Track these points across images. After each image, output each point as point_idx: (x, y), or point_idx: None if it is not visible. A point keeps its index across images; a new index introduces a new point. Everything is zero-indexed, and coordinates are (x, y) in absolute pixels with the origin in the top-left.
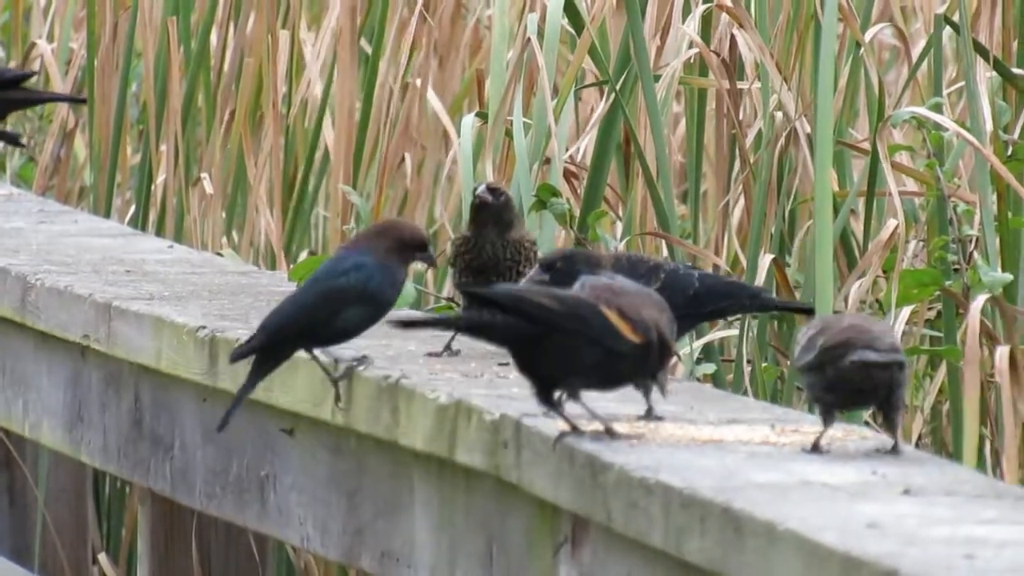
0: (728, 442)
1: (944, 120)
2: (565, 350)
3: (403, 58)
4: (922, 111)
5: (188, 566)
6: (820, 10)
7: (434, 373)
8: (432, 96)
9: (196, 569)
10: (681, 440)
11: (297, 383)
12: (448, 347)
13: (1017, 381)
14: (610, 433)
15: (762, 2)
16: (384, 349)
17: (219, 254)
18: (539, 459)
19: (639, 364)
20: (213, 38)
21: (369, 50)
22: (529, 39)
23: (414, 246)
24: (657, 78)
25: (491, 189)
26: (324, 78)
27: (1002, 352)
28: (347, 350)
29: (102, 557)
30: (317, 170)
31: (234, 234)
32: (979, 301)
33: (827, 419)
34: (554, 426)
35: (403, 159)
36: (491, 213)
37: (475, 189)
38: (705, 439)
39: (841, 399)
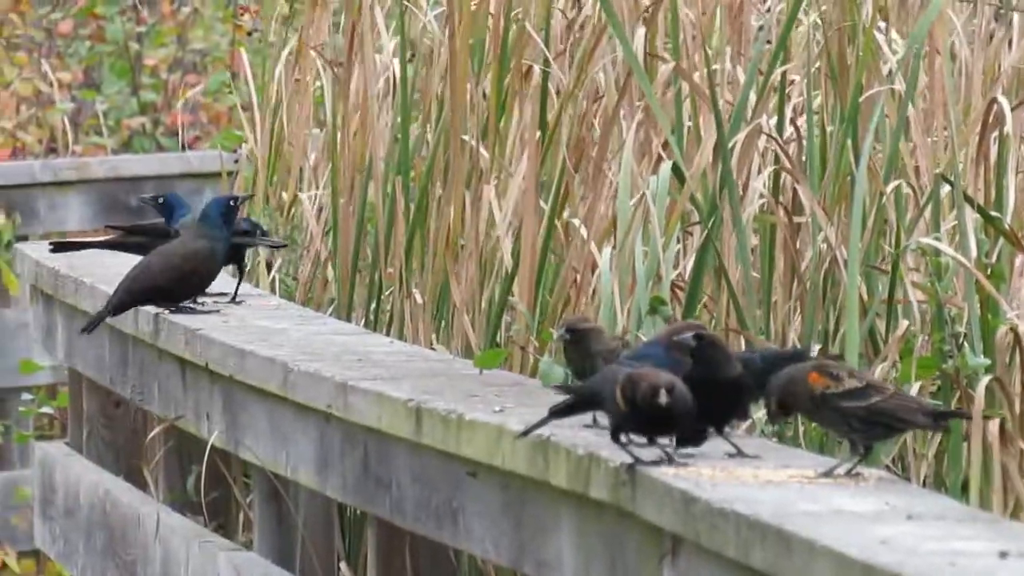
0: (783, 482)
1: (944, 247)
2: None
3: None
4: (928, 241)
5: (403, 570)
6: (854, 168)
7: (574, 431)
8: (584, 233)
9: (410, 572)
10: (749, 480)
11: (477, 439)
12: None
13: (1004, 444)
14: (669, 459)
15: (813, 161)
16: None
17: (431, 348)
18: (648, 494)
19: (645, 420)
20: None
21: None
22: (644, 194)
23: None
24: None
25: (569, 330)
26: (513, 224)
27: (994, 422)
28: None
29: (343, 565)
30: (502, 287)
31: (443, 333)
32: (984, 382)
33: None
34: (658, 472)
35: (575, 281)
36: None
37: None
38: (766, 479)
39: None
